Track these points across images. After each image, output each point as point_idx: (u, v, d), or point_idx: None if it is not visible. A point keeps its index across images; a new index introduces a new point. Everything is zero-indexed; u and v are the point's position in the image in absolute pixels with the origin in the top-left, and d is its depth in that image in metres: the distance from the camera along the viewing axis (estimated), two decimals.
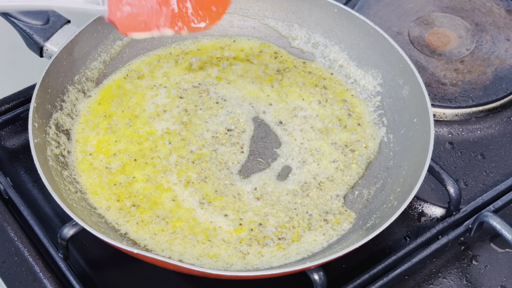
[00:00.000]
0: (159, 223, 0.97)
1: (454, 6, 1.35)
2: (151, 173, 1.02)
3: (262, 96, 1.12)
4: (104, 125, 1.07)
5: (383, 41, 1.11)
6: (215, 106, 1.10)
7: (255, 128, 1.08)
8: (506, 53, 1.27)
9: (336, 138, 1.08)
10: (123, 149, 1.04)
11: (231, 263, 0.94)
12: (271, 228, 0.98)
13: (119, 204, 0.99)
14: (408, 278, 1.00)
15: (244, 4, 1.20)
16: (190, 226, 0.97)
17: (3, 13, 1.07)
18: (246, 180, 1.02)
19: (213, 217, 0.98)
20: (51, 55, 1.05)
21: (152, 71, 1.14)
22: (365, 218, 0.99)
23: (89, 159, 1.03)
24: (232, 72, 1.15)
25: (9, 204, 1.04)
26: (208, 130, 1.07)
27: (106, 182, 1.01)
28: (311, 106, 1.11)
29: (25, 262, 0.98)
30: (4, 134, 1.14)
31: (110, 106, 1.09)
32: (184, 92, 1.12)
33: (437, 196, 1.08)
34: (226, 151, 1.05)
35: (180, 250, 0.94)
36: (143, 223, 0.97)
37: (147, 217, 0.97)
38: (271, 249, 0.96)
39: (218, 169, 1.03)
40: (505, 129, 1.18)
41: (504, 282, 1.00)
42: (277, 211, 0.99)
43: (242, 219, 0.98)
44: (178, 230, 0.96)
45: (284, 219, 0.99)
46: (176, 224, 0.97)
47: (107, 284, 0.98)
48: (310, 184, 1.03)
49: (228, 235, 0.96)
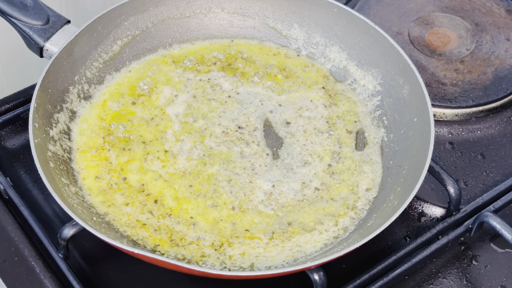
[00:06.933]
0: (152, 218, 0.97)
1: (454, 6, 1.35)
2: (159, 169, 1.02)
3: (261, 96, 1.12)
4: (105, 125, 1.07)
5: (383, 41, 1.11)
6: (219, 106, 1.11)
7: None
8: (506, 53, 1.27)
9: (336, 138, 1.08)
10: (125, 149, 1.04)
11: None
12: (271, 228, 0.98)
13: (120, 203, 0.99)
14: (408, 278, 1.00)
15: (244, 4, 1.20)
16: (188, 225, 0.97)
17: (3, 13, 1.07)
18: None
19: (217, 213, 0.98)
20: (51, 55, 1.05)
21: (152, 71, 1.14)
22: (365, 218, 0.99)
23: (89, 159, 1.03)
24: (231, 72, 1.15)
25: (9, 204, 1.04)
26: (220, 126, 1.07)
27: (107, 181, 1.01)
28: (311, 106, 1.11)
29: (25, 262, 0.98)
30: (4, 134, 1.14)
31: (111, 106, 1.09)
32: (186, 88, 1.12)
33: (437, 196, 1.08)
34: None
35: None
36: (142, 222, 0.97)
37: (149, 216, 0.98)
38: (267, 249, 0.96)
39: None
40: (505, 129, 1.18)
41: (504, 282, 1.00)
42: (276, 211, 0.99)
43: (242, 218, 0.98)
44: (164, 226, 0.96)
45: (284, 219, 0.99)
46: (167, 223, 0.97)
47: (107, 284, 0.98)
48: (310, 184, 1.03)
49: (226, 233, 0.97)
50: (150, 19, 1.17)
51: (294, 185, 1.03)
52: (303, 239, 0.97)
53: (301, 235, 0.97)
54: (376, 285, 0.96)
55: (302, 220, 0.99)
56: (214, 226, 0.97)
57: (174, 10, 1.18)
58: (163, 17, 1.18)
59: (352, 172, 1.04)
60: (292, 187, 1.02)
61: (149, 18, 1.16)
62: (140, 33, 1.16)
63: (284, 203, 1.00)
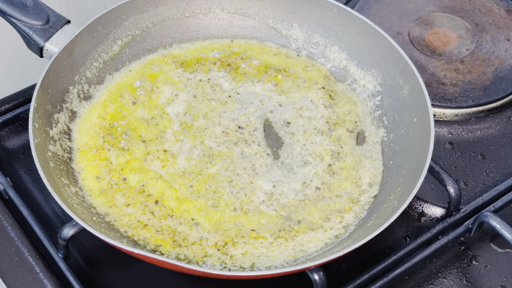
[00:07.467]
0: (154, 219, 0.97)
1: (454, 6, 1.35)
2: (158, 169, 1.02)
3: (261, 96, 1.12)
4: (105, 125, 1.07)
5: (383, 41, 1.11)
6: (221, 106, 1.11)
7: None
8: (506, 53, 1.27)
9: (337, 138, 1.08)
10: (125, 149, 1.04)
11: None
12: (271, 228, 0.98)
13: (120, 203, 0.99)
14: (408, 278, 1.00)
15: (244, 4, 1.20)
16: (190, 226, 0.97)
17: (3, 13, 1.07)
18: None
19: (220, 214, 0.98)
20: (51, 55, 1.05)
21: (153, 71, 1.14)
22: (365, 218, 0.99)
23: (90, 159, 1.03)
24: (232, 72, 1.15)
25: (9, 204, 1.04)
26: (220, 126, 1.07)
27: (107, 181, 1.01)
28: (311, 106, 1.11)
29: (25, 262, 0.98)
30: (4, 134, 1.14)
31: (111, 106, 1.09)
32: (186, 87, 1.12)
33: (437, 196, 1.08)
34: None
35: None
36: (143, 223, 0.97)
37: (151, 216, 0.98)
38: (270, 248, 0.96)
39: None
40: (505, 129, 1.18)
41: (504, 282, 1.00)
42: (279, 211, 0.99)
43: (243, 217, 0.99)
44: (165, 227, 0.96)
45: (284, 219, 0.99)
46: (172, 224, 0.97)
47: (107, 284, 0.98)
48: (311, 184, 1.03)
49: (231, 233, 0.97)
50: (150, 19, 1.17)
51: (295, 185, 1.03)
52: (307, 237, 0.97)
53: (306, 233, 0.97)
54: (376, 285, 0.96)
55: (311, 218, 0.99)
56: (218, 227, 0.97)
57: (174, 10, 1.18)
58: (163, 17, 1.18)
59: (353, 167, 1.04)
60: (293, 187, 1.02)
61: (149, 18, 1.16)
62: (140, 33, 1.16)
63: (285, 203, 1.00)
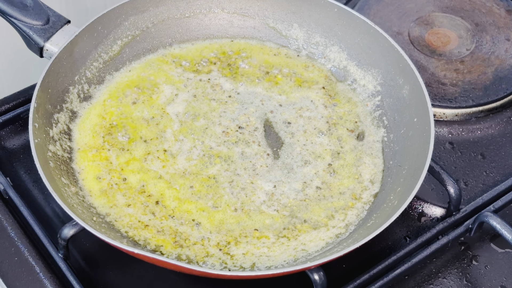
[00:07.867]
0: (156, 219, 0.97)
1: (454, 6, 1.35)
2: (158, 170, 1.02)
3: (261, 96, 1.12)
4: (105, 125, 1.07)
5: (383, 41, 1.11)
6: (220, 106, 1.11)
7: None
8: (506, 53, 1.27)
9: (337, 137, 1.08)
10: (125, 149, 1.04)
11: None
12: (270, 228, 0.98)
13: (121, 203, 0.99)
14: (408, 278, 1.00)
15: (244, 4, 1.20)
16: (191, 226, 0.97)
17: (3, 13, 1.07)
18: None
19: (221, 215, 0.98)
20: (51, 55, 1.05)
21: (153, 71, 1.14)
22: (365, 218, 0.99)
23: (90, 159, 1.03)
24: (232, 72, 1.15)
25: (9, 204, 1.04)
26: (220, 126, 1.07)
27: (108, 181, 1.01)
28: (311, 106, 1.11)
29: (25, 262, 0.98)
30: (4, 134, 1.14)
31: (111, 106, 1.09)
32: (186, 87, 1.12)
33: (437, 196, 1.08)
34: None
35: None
36: (145, 223, 0.97)
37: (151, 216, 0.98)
38: (271, 248, 0.95)
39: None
40: (505, 129, 1.18)
41: (504, 282, 1.00)
42: (281, 211, 0.99)
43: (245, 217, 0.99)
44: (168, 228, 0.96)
45: (289, 218, 0.99)
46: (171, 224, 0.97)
47: (107, 284, 0.98)
48: (311, 184, 1.03)
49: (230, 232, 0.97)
50: (150, 19, 1.17)
51: (296, 185, 1.03)
52: (309, 237, 0.97)
53: (308, 233, 0.97)
54: (376, 285, 0.96)
55: (316, 217, 0.98)
56: (221, 227, 0.97)
57: (174, 10, 1.18)
58: (163, 17, 1.18)
59: (354, 164, 1.04)
60: (293, 187, 1.02)
61: (149, 18, 1.16)
62: (140, 33, 1.16)
63: (286, 203, 1.00)
